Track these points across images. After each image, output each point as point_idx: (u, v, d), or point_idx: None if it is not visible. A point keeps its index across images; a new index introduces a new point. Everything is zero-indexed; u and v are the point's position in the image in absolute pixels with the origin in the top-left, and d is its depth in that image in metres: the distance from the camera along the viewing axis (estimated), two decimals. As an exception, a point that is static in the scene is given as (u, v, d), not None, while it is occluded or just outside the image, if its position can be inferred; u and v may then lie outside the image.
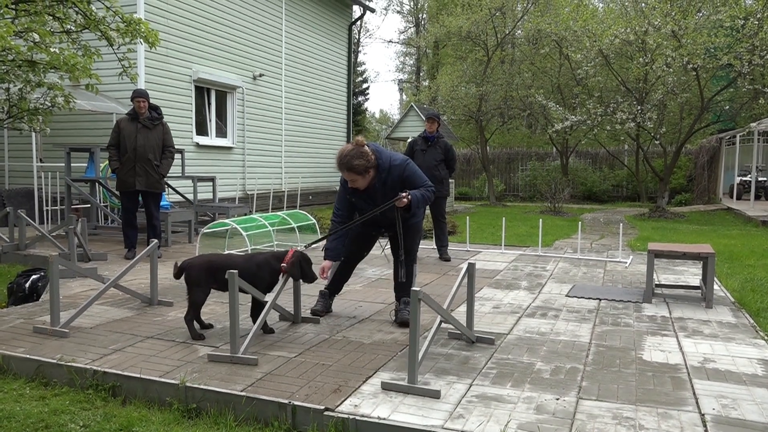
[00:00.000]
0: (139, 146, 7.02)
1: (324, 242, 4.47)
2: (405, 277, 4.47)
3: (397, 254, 4.44)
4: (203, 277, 4.01)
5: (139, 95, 7.07)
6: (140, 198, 7.29)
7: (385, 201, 4.16)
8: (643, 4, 14.83)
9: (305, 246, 4.69)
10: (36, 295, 5.16)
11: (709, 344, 4.07)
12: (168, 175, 8.02)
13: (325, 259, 4.30)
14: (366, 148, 4.11)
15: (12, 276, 5.72)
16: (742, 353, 3.88)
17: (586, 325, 4.52)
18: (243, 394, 3.06)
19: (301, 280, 4.16)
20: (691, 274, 6.69)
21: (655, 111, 14.60)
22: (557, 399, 3.08)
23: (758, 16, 12.66)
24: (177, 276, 4.08)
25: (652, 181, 19.68)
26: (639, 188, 20.04)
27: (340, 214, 4.38)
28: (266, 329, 4.15)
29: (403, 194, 4.06)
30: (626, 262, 7.43)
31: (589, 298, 5.44)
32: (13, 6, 5.88)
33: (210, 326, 4.26)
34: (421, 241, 8.01)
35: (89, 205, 9.15)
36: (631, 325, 4.54)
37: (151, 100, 7.25)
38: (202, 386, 3.15)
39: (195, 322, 4.11)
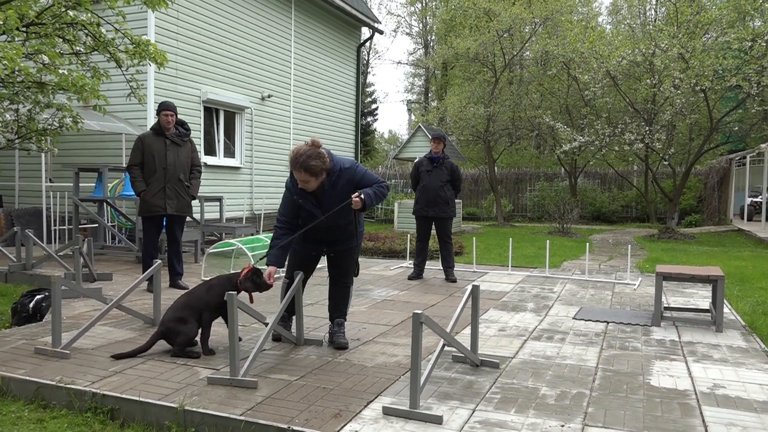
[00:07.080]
0: (170, 165, 6.31)
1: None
2: (341, 297, 4.54)
3: (339, 275, 4.49)
4: (186, 320, 4.09)
5: (166, 108, 6.36)
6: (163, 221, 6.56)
7: (333, 205, 4.12)
8: (650, 27, 14.86)
9: (258, 261, 4.69)
10: (39, 315, 5.15)
11: (719, 369, 3.99)
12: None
13: (267, 265, 4.23)
14: (323, 150, 4.08)
15: (17, 296, 5.72)
16: (753, 379, 3.79)
17: (593, 349, 4.44)
18: (242, 418, 3.02)
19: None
20: (700, 297, 6.59)
21: (664, 132, 14.54)
22: (562, 425, 3.01)
23: (766, 38, 12.61)
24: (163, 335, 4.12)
25: (661, 202, 19.54)
26: (648, 209, 19.90)
27: (284, 221, 4.27)
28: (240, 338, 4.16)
29: (355, 195, 4.04)
30: (635, 284, 7.34)
31: (597, 321, 5.36)
32: (24, 29, 5.96)
33: (212, 353, 4.19)
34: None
35: (97, 225, 9.18)
36: (639, 349, 4.46)
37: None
38: (200, 410, 3.11)
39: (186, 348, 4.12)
